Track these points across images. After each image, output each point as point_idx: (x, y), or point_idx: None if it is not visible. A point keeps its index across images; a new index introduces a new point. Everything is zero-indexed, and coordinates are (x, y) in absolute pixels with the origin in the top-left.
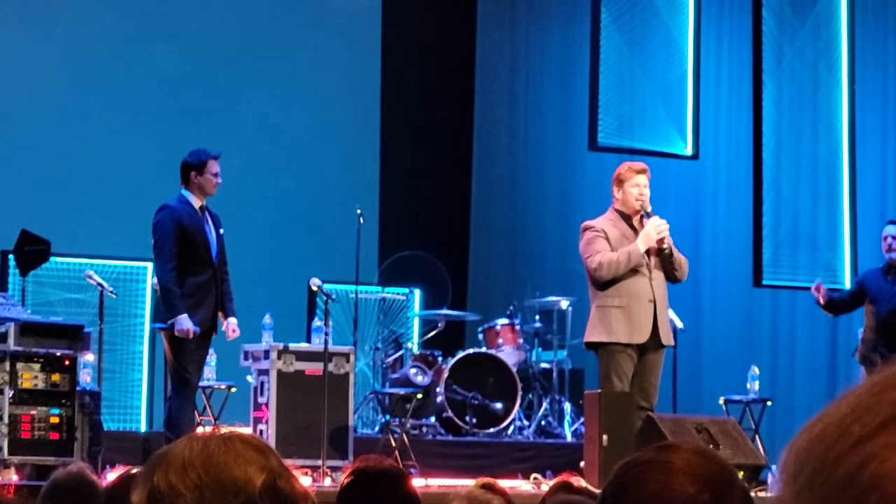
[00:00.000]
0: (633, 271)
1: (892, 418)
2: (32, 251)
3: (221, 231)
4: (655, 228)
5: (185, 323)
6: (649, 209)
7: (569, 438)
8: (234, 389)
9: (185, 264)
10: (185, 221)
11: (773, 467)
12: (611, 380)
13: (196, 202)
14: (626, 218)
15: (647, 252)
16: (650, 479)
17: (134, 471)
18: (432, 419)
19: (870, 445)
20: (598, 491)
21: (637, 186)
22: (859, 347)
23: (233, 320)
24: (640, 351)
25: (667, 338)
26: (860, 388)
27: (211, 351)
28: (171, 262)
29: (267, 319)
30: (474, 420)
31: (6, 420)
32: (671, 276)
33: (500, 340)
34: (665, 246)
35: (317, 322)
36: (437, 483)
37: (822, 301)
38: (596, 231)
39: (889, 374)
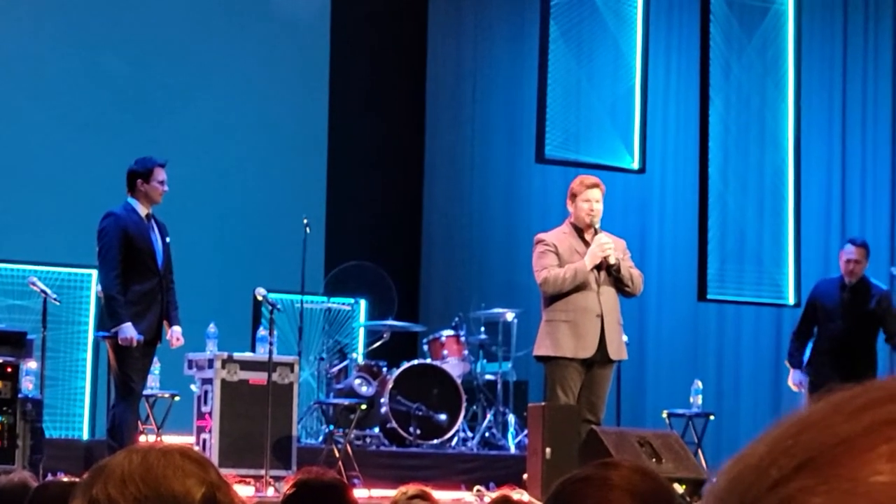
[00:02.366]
0: (581, 286)
1: (808, 461)
2: None
3: (168, 239)
4: (600, 247)
5: (128, 331)
6: (598, 225)
7: (512, 450)
8: (177, 398)
9: (130, 272)
10: (131, 229)
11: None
12: (556, 393)
13: (142, 210)
14: (579, 232)
15: (598, 266)
16: (589, 495)
17: (64, 478)
18: (376, 430)
19: (786, 489)
20: None
21: (588, 201)
22: (808, 374)
23: (177, 329)
24: (587, 365)
25: (616, 353)
26: (778, 428)
27: (155, 359)
28: (115, 269)
29: (211, 328)
30: (418, 431)
31: None
32: (623, 292)
33: (445, 352)
34: (612, 263)
35: (261, 331)
36: (380, 494)
37: (809, 372)
38: (546, 245)
39: (805, 414)
